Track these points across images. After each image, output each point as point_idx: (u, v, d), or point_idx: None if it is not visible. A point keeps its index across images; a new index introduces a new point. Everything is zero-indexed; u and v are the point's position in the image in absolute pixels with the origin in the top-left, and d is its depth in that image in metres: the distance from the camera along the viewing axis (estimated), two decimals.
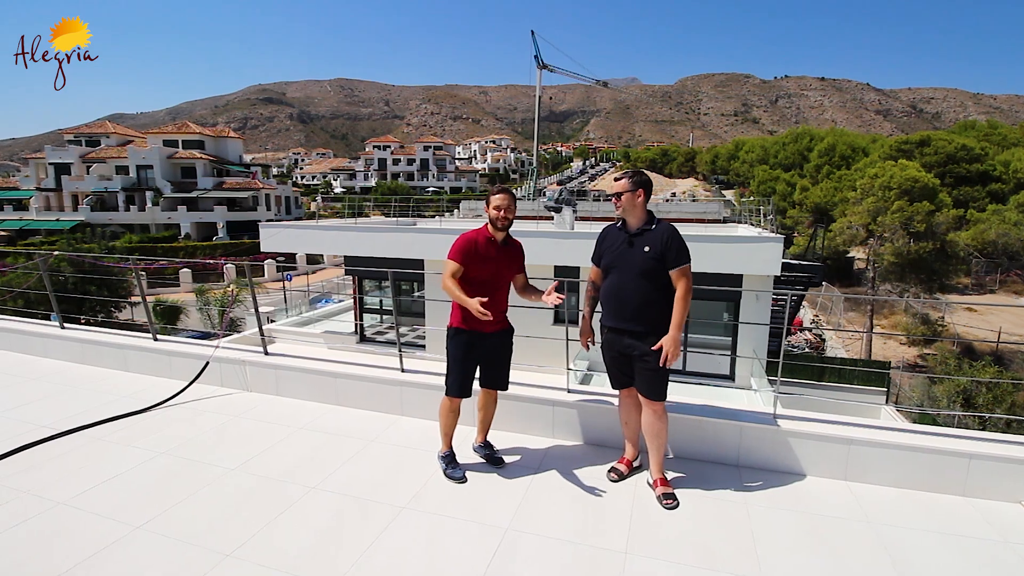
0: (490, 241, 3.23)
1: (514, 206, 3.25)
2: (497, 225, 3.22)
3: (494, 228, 3.24)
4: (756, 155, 59.03)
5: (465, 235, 3.21)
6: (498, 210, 3.18)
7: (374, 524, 2.81)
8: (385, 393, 4.23)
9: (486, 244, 3.21)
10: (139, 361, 5.17)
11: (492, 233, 3.25)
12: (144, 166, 46.64)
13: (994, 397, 14.96)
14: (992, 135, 41.30)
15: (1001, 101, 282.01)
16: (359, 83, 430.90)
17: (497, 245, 3.26)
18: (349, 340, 14.53)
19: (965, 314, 28.88)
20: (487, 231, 3.25)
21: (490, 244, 3.23)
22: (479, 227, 3.29)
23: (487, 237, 3.23)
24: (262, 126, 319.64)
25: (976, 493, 3.11)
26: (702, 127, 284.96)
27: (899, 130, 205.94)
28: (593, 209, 25.95)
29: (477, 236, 3.20)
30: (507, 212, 3.21)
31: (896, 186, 22.20)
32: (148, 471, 3.34)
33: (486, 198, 3.25)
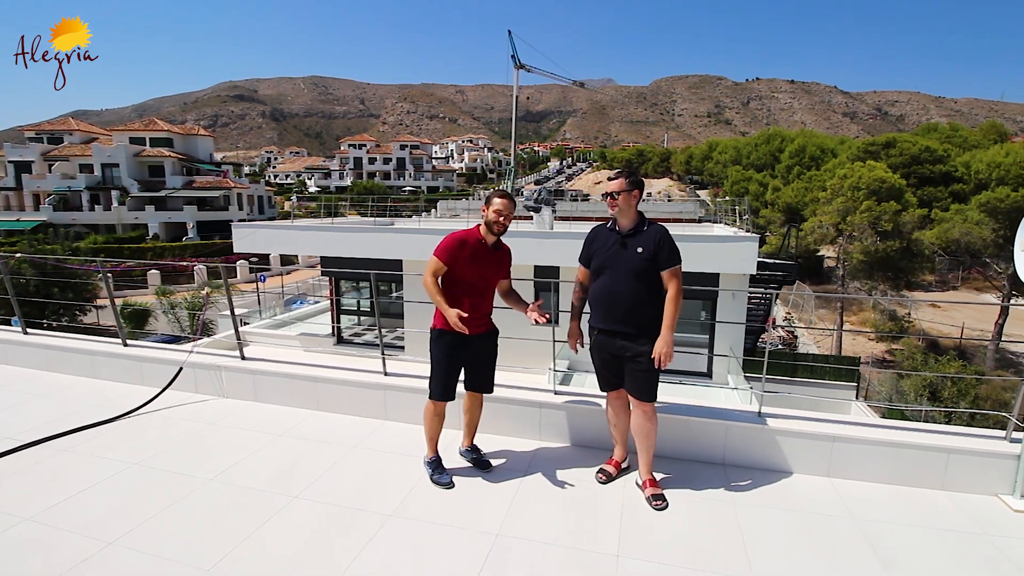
0: (481, 244, 3.17)
1: (513, 213, 3.19)
2: (494, 229, 3.16)
3: (489, 231, 3.18)
4: (729, 156, 60.06)
5: (455, 234, 3.14)
6: (498, 214, 3.12)
7: (360, 533, 2.74)
8: (368, 397, 4.15)
9: (477, 246, 3.15)
10: (108, 367, 4.97)
11: (485, 236, 3.19)
12: (110, 164, 45.14)
13: (959, 391, 15.50)
14: (954, 137, 42.73)
15: (961, 104, 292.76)
16: (333, 81, 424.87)
17: (488, 248, 3.20)
18: (326, 342, 14.29)
19: (930, 311, 29.88)
20: (479, 233, 3.18)
21: (481, 247, 3.17)
22: (470, 227, 3.22)
23: (479, 239, 3.17)
24: (233, 124, 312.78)
25: (955, 487, 3.19)
26: (676, 128, 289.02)
27: (865, 132, 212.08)
28: (571, 209, 26.05)
29: (467, 237, 3.14)
30: (507, 219, 3.16)
31: (865, 186, 22.81)
32: (120, 483, 3.20)
33: (487, 201, 3.16)
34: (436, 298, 3.04)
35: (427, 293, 3.08)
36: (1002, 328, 21.91)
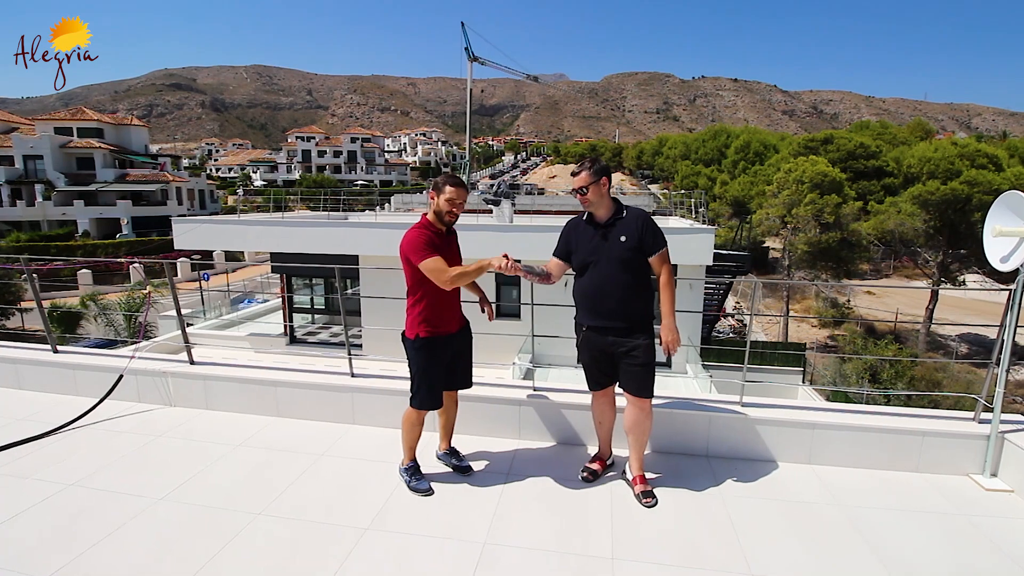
0: (438, 234, 2.96)
1: (466, 202, 2.99)
2: (444, 219, 2.95)
3: (439, 221, 2.96)
4: (679, 151, 61.69)
5: (415, 231, 2.88)
6: (450, 203, 2.90)
7: (335, 551, 2.51)
8: (334, 401, 3.88)
9: (438, 237, 2.94)
10: (36, 377, 4.48)
11: (438, 225, 2.98)
12: (32, 156, 41.70)
13: (896, 372, 16.43)
14: (884, 134, 45.44)
15: (889, 104, 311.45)
16: (279, 70, 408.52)
17: (443, 237, 3.00)
18: (278, 342, 13.68)
19: (866, 297, 31.68)
20: (431, 222, 2.95)
21: (440, 236, 2.96)
22: (417, 221, 2.96)
23: (435, 230, 2.95)
24: (170, 114, 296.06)
25: (929, 469, 3.26)
26: (627, 123, 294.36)
27: (803, 129, 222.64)
28: (529, 203, 26.02)
29: (427, 229, 2.92)
30: (459, 208, 2.95)
31: (808, 180, 23.84)
32: (56, 507, 2.84)
33: (437, 188, 2.92)
34: (470, 272, 2.79)
35: (462, 282, 2.83)
36: (932, 312, 23.43)
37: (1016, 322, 3.03)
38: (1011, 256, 2.96)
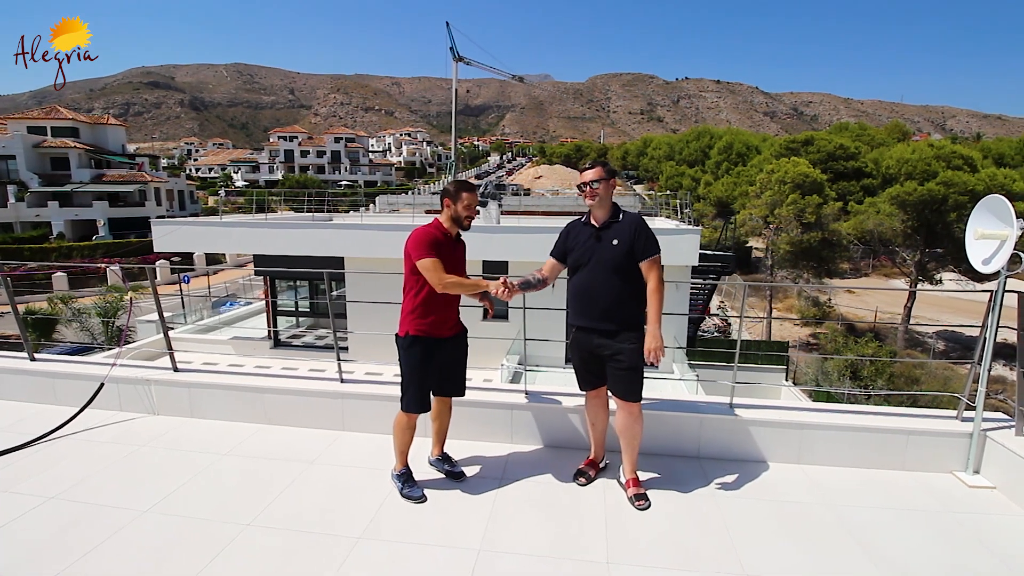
0: (448, 238, 2.99)
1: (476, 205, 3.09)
2: (464, 224, 3.01)
3: (456, 225, 3.02)
4: (663, 152, 62.20)
5: (424, 230, 2.94)
6: (469, 208, 2.98)
7: (327, 561, 2.47)
8: (324, 407, 3.83)
9: (445, 241, 2.97)
10: (12, 386, 4.35)
11: (450, 230, 3.01)
12: (4, 156, 40.56)
13: (876, 370, 16.73)
14: (863, 135, 46.30)
15: (867, 106, 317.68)
16: (260, 69, 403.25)
17: (452, 242, 3.02)
18: (262, 346, 13.49)
19: (847, 296, 32.23)
20: (443, 227, 3.00)
21: (448, 241, 2.99)
22: (428, 223, 3.02)
23: (444, 233, 2.98)
24: (147, 113, 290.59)
25: (915, 467, 3.31)
26: (612, 124, 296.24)
27: (784, 130, 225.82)
28: (516, 203, 26.02)
29: (435, 231, 2.95)
30: (474, 212, 3.05)
31: (790, 180, 24.19)
32: (37, 521, 2.76)
33: (451, 195, 2.97)
34: (466, 285, 2.90)
35: (454, 291, 2.90)
36: (910, 311, 23.93)
37: (998, 323, 3.10)
38: (992, 258, 3.03)
